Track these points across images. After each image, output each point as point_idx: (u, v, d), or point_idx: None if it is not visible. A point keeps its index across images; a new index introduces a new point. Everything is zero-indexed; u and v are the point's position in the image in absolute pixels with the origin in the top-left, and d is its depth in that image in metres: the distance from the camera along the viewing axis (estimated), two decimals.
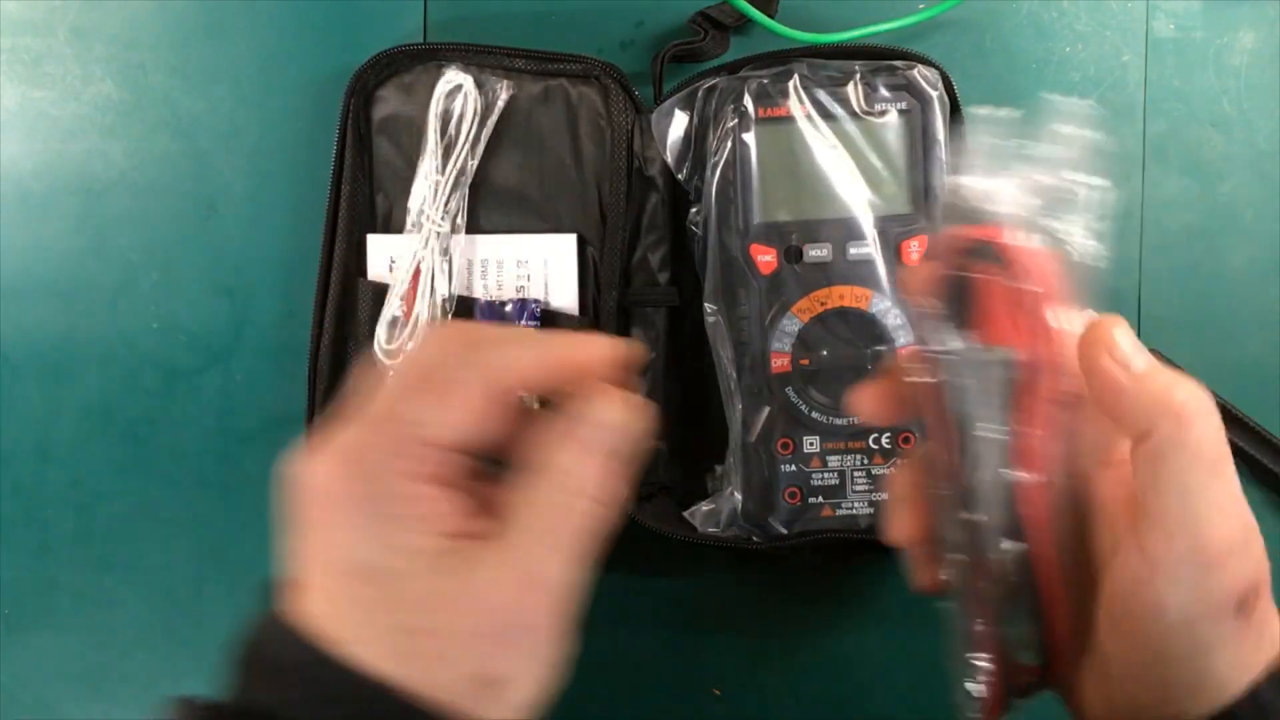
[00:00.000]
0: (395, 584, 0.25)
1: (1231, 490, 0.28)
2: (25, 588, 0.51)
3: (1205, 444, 0.27)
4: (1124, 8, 0.51)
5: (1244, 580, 0.27)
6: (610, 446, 0.28)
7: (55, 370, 0.51)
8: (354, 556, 0.26)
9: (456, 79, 0.48)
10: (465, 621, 0.25)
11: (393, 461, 0.26)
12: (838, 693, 0.50)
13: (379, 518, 0.26)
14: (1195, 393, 0.28)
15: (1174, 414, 0.27)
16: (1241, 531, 0.28)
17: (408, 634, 0.25)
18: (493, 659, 0.25)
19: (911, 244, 0.46)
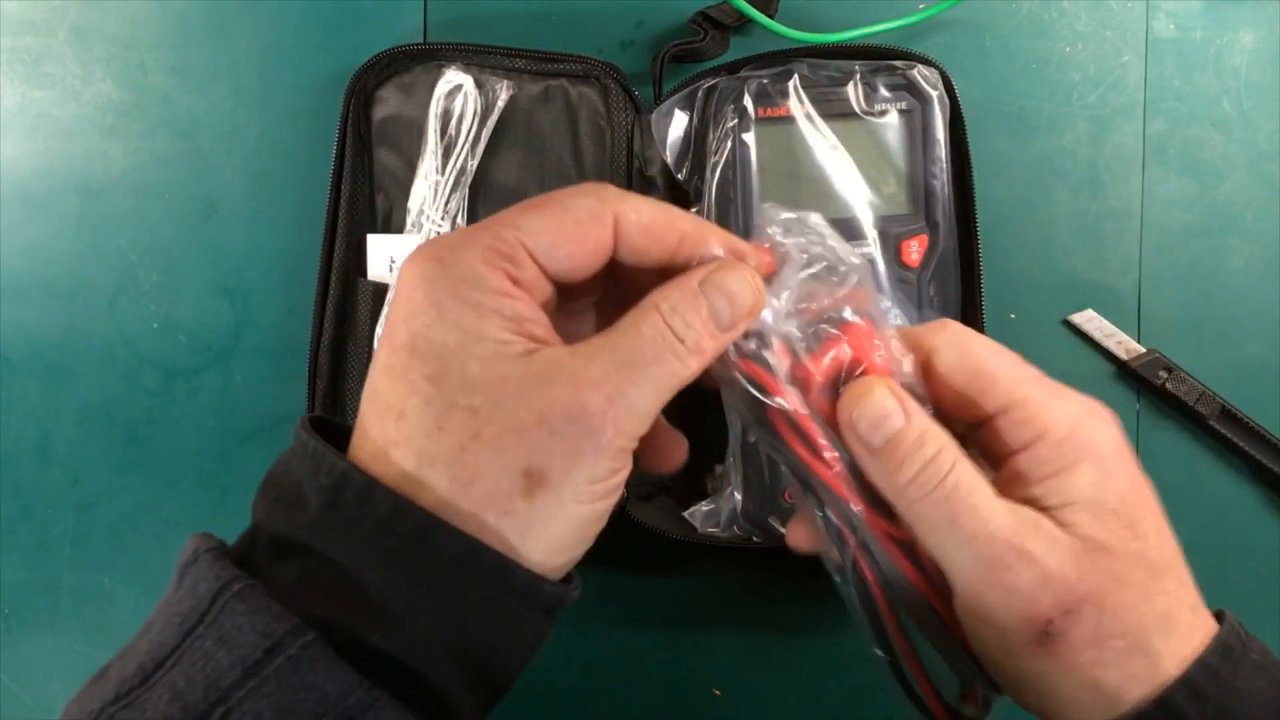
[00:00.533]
0: (459, 363, 0.25)
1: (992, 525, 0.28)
2: (25, 588, 0.51)
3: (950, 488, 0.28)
4: (1124, 8, 0.51)
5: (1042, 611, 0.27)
6: (721, 311, 0.27)
7: (55, 370, 0.51)
8: (427, 333, 0.25)
9: (456, 79, 0.48)
10: (522, 408, 0.25)
11: (490, 255, 0.26)
12: (838, 693, 0.50)
13: (461, 301, 0.25)
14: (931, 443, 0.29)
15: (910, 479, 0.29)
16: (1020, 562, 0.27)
17: (463, 412, 0.25)
18: (541, 448, 0.25)
19: (911, 244, 0.46)
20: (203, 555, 0.25)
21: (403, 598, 0.24)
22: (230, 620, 0.24)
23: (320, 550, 0.25)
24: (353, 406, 0.48)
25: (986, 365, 0.30)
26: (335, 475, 0.25)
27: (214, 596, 0.24)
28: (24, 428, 0.51)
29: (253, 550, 0.26)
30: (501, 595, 0.25)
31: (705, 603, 0.50)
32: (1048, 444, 0.29)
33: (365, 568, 0.24)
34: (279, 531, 0.26)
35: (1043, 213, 0.51)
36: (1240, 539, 0.50)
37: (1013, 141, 0.51)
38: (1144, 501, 0.29)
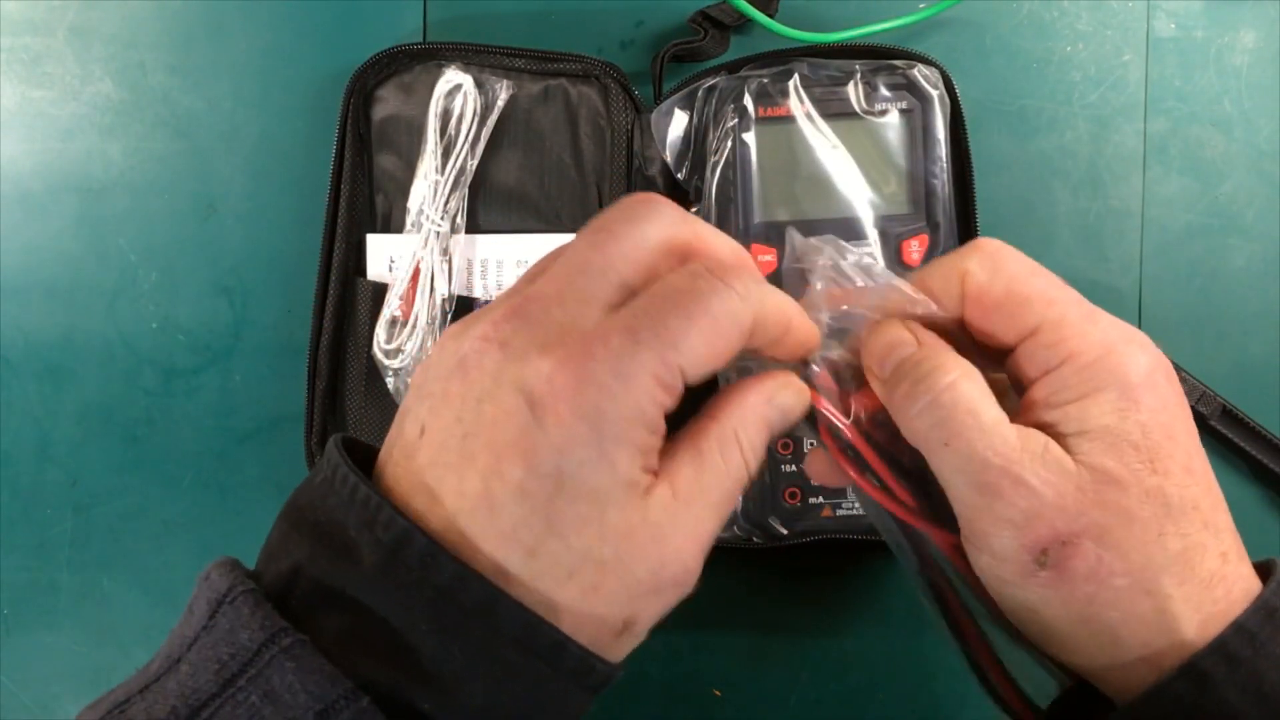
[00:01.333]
0: (600, 510, 0.24)
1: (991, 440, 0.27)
2: (25, 588, 0.51)
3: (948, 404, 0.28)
4: (1125, 7, 0.51)
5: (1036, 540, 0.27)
6: (776, 426, 0.28)
7: (55, 370, 0.51)
8: (579, 473, 0.24)
9: (456, 79, 0.48)
10: (640, 567, 0.25)
11: (657, 390, 0.25)
12: (838, 693, 0.50)
13: (621, 444, 0.24)
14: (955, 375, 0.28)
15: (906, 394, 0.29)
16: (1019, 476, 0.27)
17: (594, 565, 0.24)
18: (645, 604, 0.26)
19: (912, 243, 0.46)
20: (240, 596, 0.24)
21: (458, 669, 0.24)
22: (279, 677, 0.22)
23: (372, 607, 0.24)
24: (352, 406, 0.48)
25: (1019, 284, 0.29)
26: (395, 532, 0.24)
27: (259, 648, 0.23)
28: (23, 428, 0.51)
29: (291, 593, 0.25)
30: (554, 673, 0.25)
31: (705, 603, 0.50)
32: (1073, 368, 0.28)
33: (423, 634, 0.24)
34: (324, 579, 0.24)
35: (1043, 212, 0.51)
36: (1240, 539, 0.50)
37: (1013, 141, 0.51)
38: (1174, 436, 0.27)
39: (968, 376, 0.28)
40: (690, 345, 0.25)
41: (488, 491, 0.24)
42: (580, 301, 0.25)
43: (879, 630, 0.50)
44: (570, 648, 0.25)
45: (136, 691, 0.24)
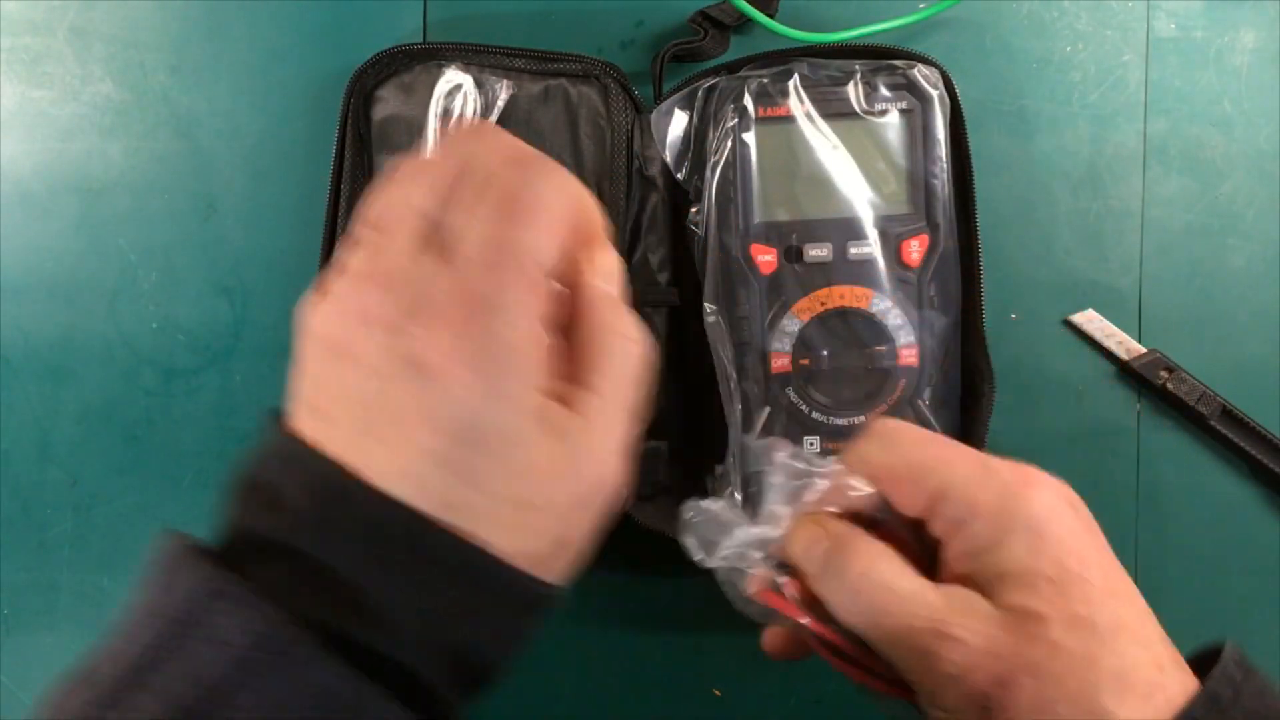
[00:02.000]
0: (507, 450, 0.25)
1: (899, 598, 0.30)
2: (25, 588, 0.51)
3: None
4: (1125, 7, 0.51)
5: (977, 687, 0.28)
6: (620, 290, 0.29)
7: (55, 370, 0.51)
8: (476, 420, 0.24)
9: (456, 79, 0.48)
10: (566, 492, 0.26)
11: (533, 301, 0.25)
12: (838, 693, 0.50)
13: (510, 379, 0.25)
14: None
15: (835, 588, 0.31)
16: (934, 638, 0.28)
17: (515, 505, 0.25)
18: (574, 521, 0.27)
19: (912, 243, 0.46)
20: (185, 554, 0.25)
21: (391, 597, 0.25)
22: (223, 620, 0.23)
23: (306, 551, 0.25)
24: None
25: (915, 454, 0.31)
26: (320, 474, 0.25)
27: (204, 597, 0.24)
28: (23, 428, 0.51)
29: (231, 550, 0.26)
30: (492, 597, 0.26)
31: (705, 603, 0.50)
32: (979, 520, 0.29)
33: (355, 568, 0.24)
34: (260, 531, 0.26)
35: (1043, 212, 0.51)
36: (1240, 539, 0.50)
37: (1013, 141, 0.51)
38: (1087, 561, 0.29)
39: (879, 557, 0.30)
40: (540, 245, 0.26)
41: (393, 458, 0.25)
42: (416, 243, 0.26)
43: None
44: (502, 570, 0.25)
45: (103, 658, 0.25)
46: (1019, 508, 0.29)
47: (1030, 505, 0.29)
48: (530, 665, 0.50)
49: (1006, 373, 0.47)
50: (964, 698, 0.28)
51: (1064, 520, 0.30)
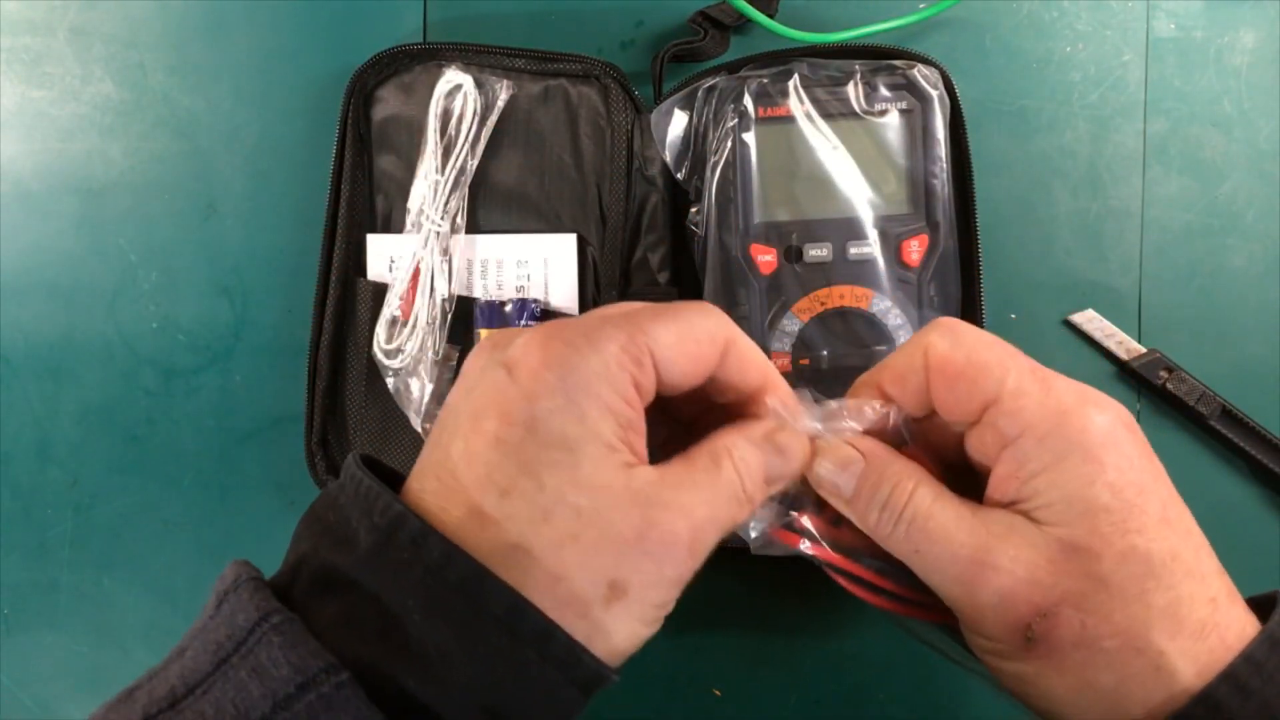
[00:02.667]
0: (576, 461, 0.25)
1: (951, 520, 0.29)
2: (25, 588, 0.51)
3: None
4: (1124, 7, 0.51)
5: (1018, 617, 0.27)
6: (774, 468, 0.29)
7: (55, 370, 0.51)
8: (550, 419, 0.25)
9: (456, 79, 0.48)
10: (623, 522, 0.25)
11: (624, 357, 0.26)
12: (838, 693, 0.50)
13: (591, 396, 0.26)
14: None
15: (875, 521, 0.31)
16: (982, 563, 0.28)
17: (569, 509, 0.25)
18: (634, 566, 0.26)
19: (912, 243, 0.46)
20: (244, 584, 0.25)
21: (442, 647, 0.24)
22: (266, 652, 0.24)
23: (366, 589, 0.25)
24: (352, 406, 0.48)
25: (978, 353, 0.29)
26: (390, 516, 0.25)
27: (252, 627, 0.24)
28: (23, 428, 0.51)
29: (294, 583, 0.26)
30: (540, 659, 0.25)
31: (705, 603, 0.50)
32: (1032, 439, 0.28)
33: (410, 612, 0.24)
34: (324, 566, 0.26)
35: (1043, 213, 0.51)
36: (1240, 539, 0.50)
37: (1013, 141, 0.51)
38: (1145, 490, 0.28)
39: (921, 482, 0.30)
40: (659, 334, 0.27)
41: (468, 449, 0.26)
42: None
43: (879, 630, 0.50)
44: (557, 635, 0.25)
45: (145, 679, 0.25)
46: (1075, 430, 0.28)
47: (1087, 428, 0.28)
48: None
49: None
50: (1006, 627, 0.28)
51: (1122, 446, 0.28)
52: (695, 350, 0.28)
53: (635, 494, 0.26)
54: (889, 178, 0.46)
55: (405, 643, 0.24)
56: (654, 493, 0.26)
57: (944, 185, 0.46)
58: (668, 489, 0.26)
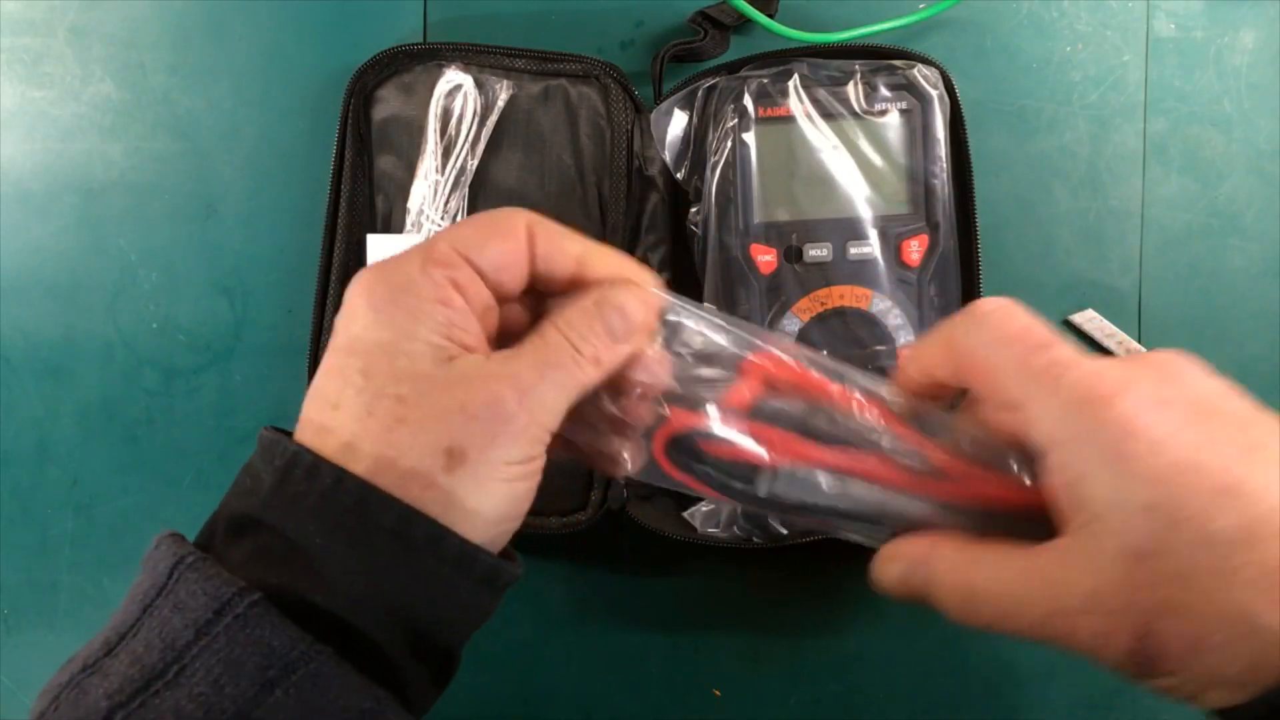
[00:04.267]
0: (389, 358, 0.27)
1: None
2: (25, 588, 0.51)
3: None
4: (1124, 7, 0.51)
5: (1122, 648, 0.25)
6: (615, 325, 0.29)
7: (55, 370, 0.51)
8: (363, 334, 0.28)
9: (456, 79, 0.48)
10: (445, 397, 0.27)
11: (426, 263, 0.28)
12: (838, 693, 0.50)
13: (395, 305, 0.28)
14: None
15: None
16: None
17: (390, 399, 0.27)
18: (461, 430, 0.27)
19: (911, 243, 0.46)
20: (163, 540, 0.28)
21: (343, 563, 0.26)
22: (184, 588, 0.26)
23: (271, 524, 0.27)
24: None
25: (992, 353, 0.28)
26: (286, 456, 0.27)
27: (170, 570, 0.26)
28: (24, 428, 0.51)
29: (212, 536, 0.29)
30: (437, 563, 0.27)
31: (705, 603, 0.50)
32: (1055, 449, 0.26)
33: (311, 537, 0.26)
34: (233, 514, 0.28)
35: (1043, 213, 0.51)
36: None
37: (1013, 141, 0.51)
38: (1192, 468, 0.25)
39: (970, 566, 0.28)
40: (461, 232, 0.29)
41: (315, 386, 0.28)
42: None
43: (879, 630, 0.50)
44: (449, 538, 0.27)
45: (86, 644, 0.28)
46: (1095, 427, 0.25)
47: (1107, 423, 0.25)
48: (531, 665, 0.50)
49: None
50: (1117, 659, 0.26)
51: (1152, 426, 0.25)
52: (496, 232, 0.29)
53: (458, 374, 0.27)
54: (889, 178, 0.46)
55: (310, 565, 0.26)
56: (475, 369, 0.28)
57: (944, 185, 0.46)
58: (493, 364, 0.28)
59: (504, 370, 0.28)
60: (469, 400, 0.27)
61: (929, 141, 0.46)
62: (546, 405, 0.28)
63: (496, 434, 0.27)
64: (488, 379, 0.28)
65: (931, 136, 0.46)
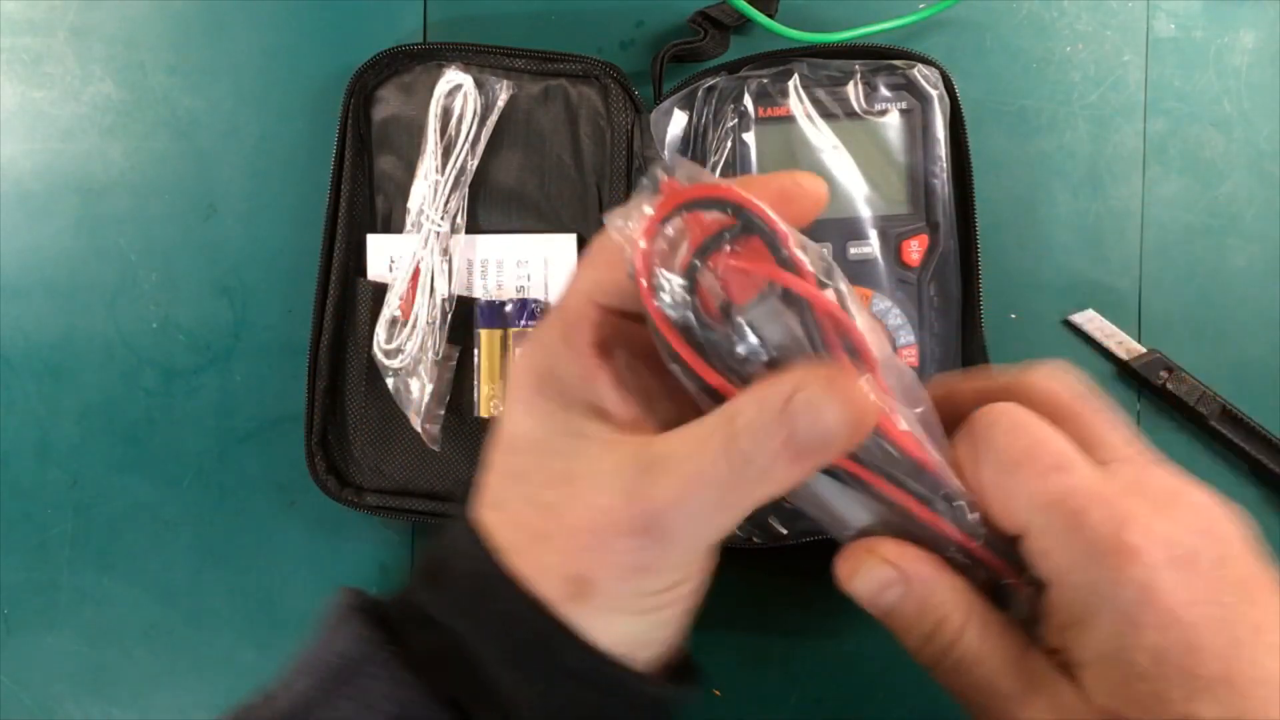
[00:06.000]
0: (541, 459, 0.25)
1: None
2: (25, 588, 0.51)
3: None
4: (1124, 7, 0.51)
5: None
6: (805, 442, 0.23)
7: (55, 370, 0.51)
8: (514, 429, 0.26)
9: (456, 79, 0.48)
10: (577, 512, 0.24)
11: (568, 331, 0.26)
12: (838, 693, 0.49)
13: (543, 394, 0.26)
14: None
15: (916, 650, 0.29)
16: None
17: (539, 509, 0.25)
18: (593, 560, 0.24)
19: (911, 243, 0.46)
20: (349, 611, 0.26)
21: (520, 691, 0.25)
22: (372, 685, 0.25)
23: (455, 630, 0.26)
24: (352, 406, 0.48)
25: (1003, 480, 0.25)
26: (476, 565, 0.26)
27: (357, 658, 0.25)
28: (24, 428, 0.51)
29: (401, 615, 0.27)
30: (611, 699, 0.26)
31: (705, 603, 0.50)
32: (1061, 587, 0.24)
33: (495, 660, 0.25)
34: (421, 602, 0.27)
35: (1043, 213, 0.51)
36: None
37: (1013, 141, 0.51)
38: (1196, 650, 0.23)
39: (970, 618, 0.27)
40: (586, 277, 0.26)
41: (487, 483, 0.27)
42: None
43: (879, 630, 0.49)
44: (629, 680, 0.25)
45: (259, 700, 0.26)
46: (1114, 586, 0.23)
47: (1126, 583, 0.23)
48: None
49: None
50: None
51: (1166, 595, 0.23)
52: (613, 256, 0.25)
53: (594, 478, 0.24)
54: (889, 178, 0.46)
55: (489, 684, 0.25)
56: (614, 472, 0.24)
57: (944, 185, 0.46)
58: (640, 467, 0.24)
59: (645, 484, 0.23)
60: (600, 524, 0.24)
61: (929, 141, 0.46)
62: (699, 532, 0.24)
63: (628, 564, 0.24)
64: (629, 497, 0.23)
65: (931, 136, 0.46)
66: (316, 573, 0.50)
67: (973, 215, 0.47)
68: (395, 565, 0.51)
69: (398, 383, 0.47)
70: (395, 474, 0.48)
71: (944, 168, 0.46)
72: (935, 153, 0.46)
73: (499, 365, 0.48)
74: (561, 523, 0.24)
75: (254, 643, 0.50)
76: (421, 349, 0.47)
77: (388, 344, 0.47)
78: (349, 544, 0.51)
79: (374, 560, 0.51)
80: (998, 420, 0.26)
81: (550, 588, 0.25)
